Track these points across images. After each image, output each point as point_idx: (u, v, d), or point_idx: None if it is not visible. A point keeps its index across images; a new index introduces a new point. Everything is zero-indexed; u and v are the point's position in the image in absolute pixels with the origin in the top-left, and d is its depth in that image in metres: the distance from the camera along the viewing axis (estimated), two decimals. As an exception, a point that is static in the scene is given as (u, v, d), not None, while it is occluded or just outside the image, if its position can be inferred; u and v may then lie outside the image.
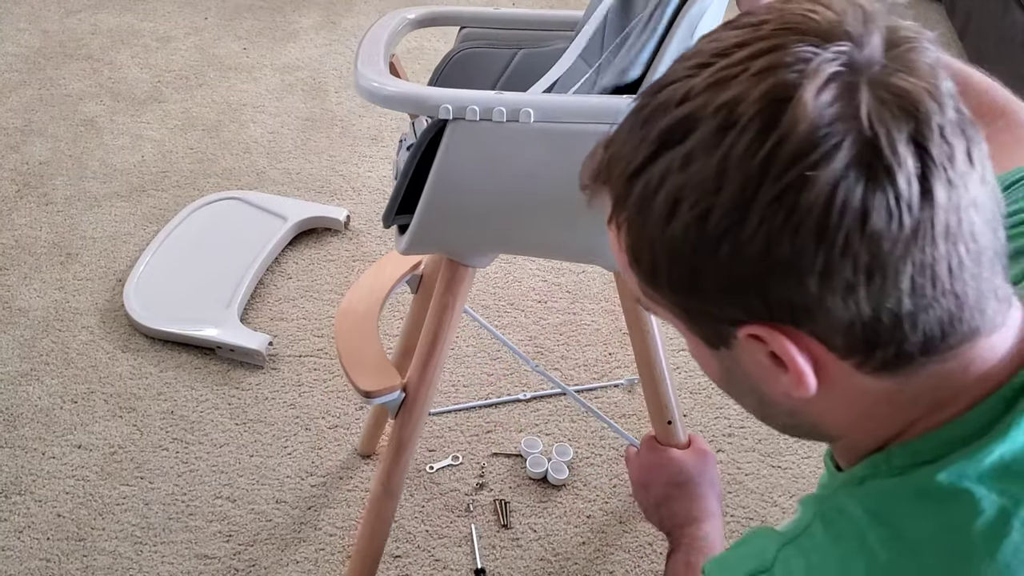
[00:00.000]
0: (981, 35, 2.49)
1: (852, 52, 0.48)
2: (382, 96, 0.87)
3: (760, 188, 0.48)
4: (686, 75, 0.51)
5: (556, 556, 1.39)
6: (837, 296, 0.49)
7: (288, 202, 1.98)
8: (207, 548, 1.38)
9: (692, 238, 0.50)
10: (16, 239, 1.92)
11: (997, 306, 0.51)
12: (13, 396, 1.59)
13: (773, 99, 0.47)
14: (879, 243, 0.47)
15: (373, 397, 1.08)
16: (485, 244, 1.01)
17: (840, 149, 0.47)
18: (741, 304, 0.52)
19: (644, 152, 0.51)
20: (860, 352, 0.52)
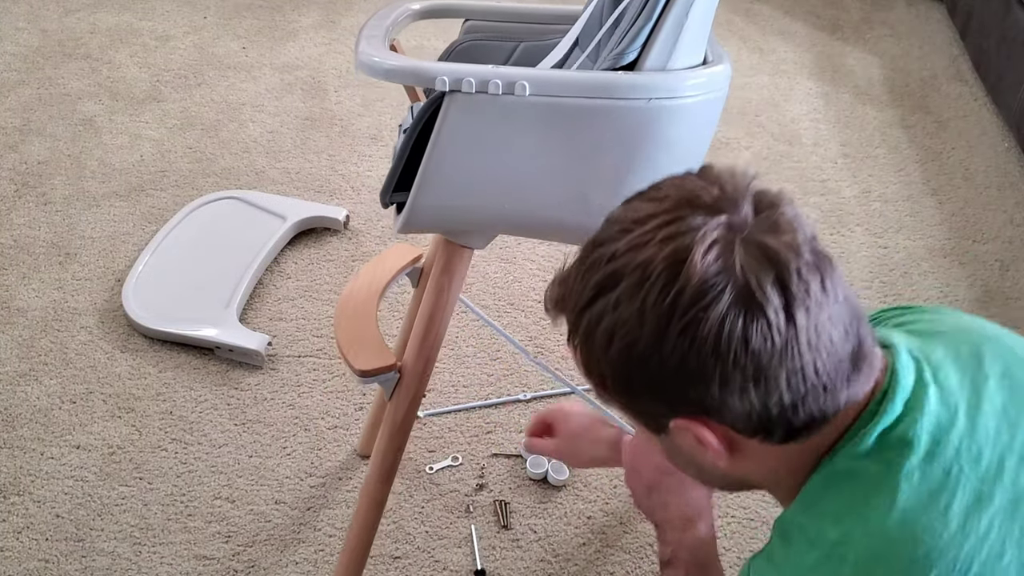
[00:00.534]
0: (982, 35, 2.49)
1: (730, 219, 0.67)
2: (383, 69, 0.89)
3: (670, 324, 0.66)
4: (614, 237, 0.69)
5: (556, 557, 1.39)
6: (734, 396, 0.67)
7: (287, 202, 1.98)
8: (206, 549, 1.38)
9: (625, 360, 0.69)
10: (15, 239, 1.91)
11: (859, 377, 0.70)
12: (12, 396, 1.59)
13: (674, 260, 0.66)
14: (759, 358, 0.65)
15: (368, 376, 1.08)
16: (481, 221, 1.01)
17: (724, 294, 0.65)
18: (667, 404, 0.71)
19: (587, 296, 0.70)
20: (761, 432, 0.70)
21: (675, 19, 0.88)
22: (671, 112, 0.90)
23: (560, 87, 0.88)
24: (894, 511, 0.67)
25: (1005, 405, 0.72)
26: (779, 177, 2.17)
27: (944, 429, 0.70)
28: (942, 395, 0.72)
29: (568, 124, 0.89)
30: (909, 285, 1.89)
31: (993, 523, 0.67)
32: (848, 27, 2.81)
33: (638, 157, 0.92)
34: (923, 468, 0.68)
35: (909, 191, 2.14)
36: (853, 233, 2.02)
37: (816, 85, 2.51)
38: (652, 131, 0.90)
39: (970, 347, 0.76)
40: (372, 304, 1.17)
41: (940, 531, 0.66)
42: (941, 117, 2.40)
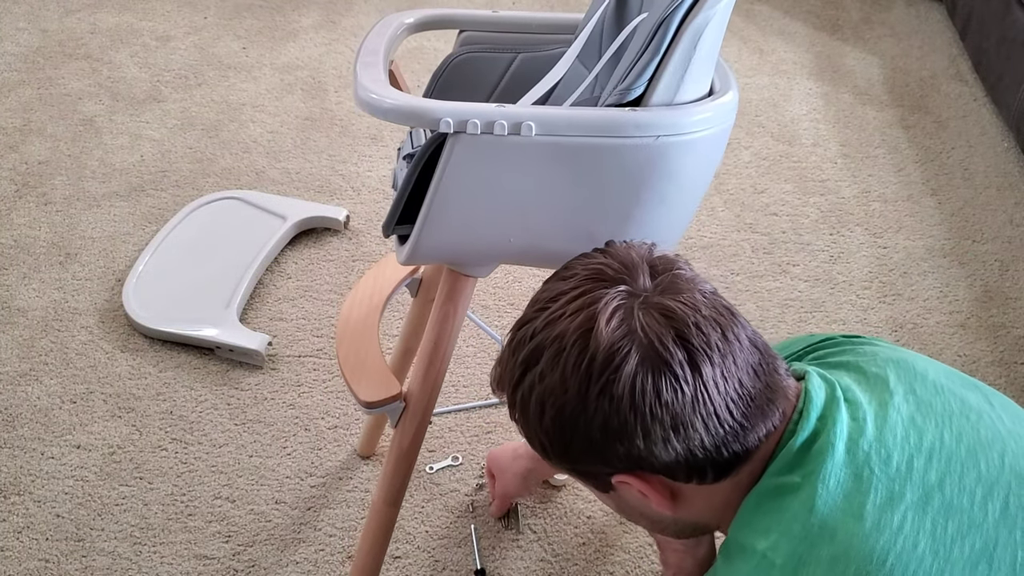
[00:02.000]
0: (982, 35, 2.49)
1: (630, 288, 0.74)
2: (382, 109, 0.87)
3: (589, 387, 0.72)
4: (533, 316, 0.77)
5: (556, 556, 1.39)
6: (659, 447, 0.72)
7: (288, 202, 1.98)
8: (206, 549, 1.38)
9: (558, 426, 0.75)
10: (15, 239, 1.91)
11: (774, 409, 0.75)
12: (12, 396, 1.59)
13: (584, 330, 0.72)
14: (673, 408, 0.71)
15: (374, 407, 1.07)
16: (486, 255, 1.00)
17: (630, 355, 0.71)
18: (603, 462, 0.76)
19: (516, 373, 0.77)
20: (694, 476, 0.75)
21: (683, 52, 0.86)
22: (679, 147, 0.89)
23: (567, 126, 0.86)
24: (813, 514, 0.72)
25: (912, 415, 0.77)
26: (779, 177, 2.17)
27: (854, 438, 0.75)
28: (851, 409, 0.77)
29: (575, 162, 0.88)
30: (909, 285, 1.89)
31: (906, 517, 0.71)
32: (848, 27, 2.81)
33: (645, 192, 0.90)
34: (837, 473, 0.73)
35: (909, 191, 2.14)
36: (852, 233, 2.02)
37: (816, 85, 2.52)
38: (660, 167, 0.89)
39: (877, 370, 0.82)
40: (373, 325, 1.15)
41: (856, 529, 0.71)
42: (941, 117, 2.40)
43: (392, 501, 1.16)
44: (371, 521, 1.19)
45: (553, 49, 1.09)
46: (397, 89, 0.89)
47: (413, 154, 0.97)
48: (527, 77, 1.08)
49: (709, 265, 1.92)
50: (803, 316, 1.81)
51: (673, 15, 0.85)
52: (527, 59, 1.10)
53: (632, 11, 1.02)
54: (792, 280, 1.89)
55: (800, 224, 2.04)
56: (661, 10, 0.86)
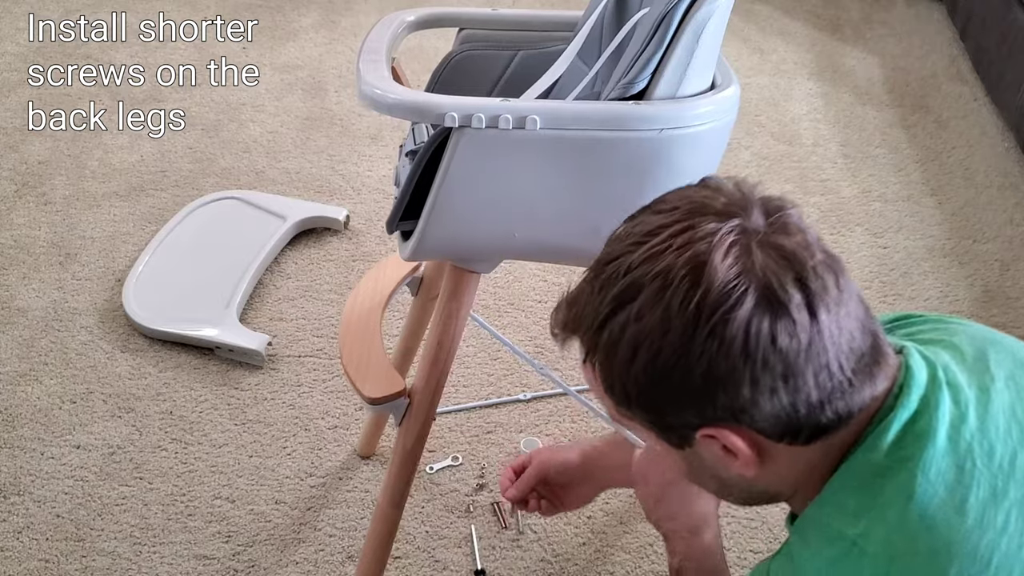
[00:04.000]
0: (982, 34, 2.49)
1: (743, 224, 0.68)
2: (386, 104, 0.87)
3: (696, 329, 0.66)
4: (625, 252, 0.70)
5: (556, 556, 1.39)
6: (764, 397, 0.67)
7: (288, 202, 1.98)
8: (206, 549, 1.38)
9: (651, 371, 0.68)
10: (15, 239, 1.91)
11: (879, 373, 0.71)
12: (12, 396, 1.59)
13: (695, 265, 0.66)
14: (787, 356, 0.66)
15: (378, 404, 1.07)
16: (490, 250, 1.00)
17: (747, 295, 0.65)
18: (696, 413, 0.70)
19: (605, 311, 0.70)
20: (788, 435, 0.70)
21: (686, 46, 0.86)
22: (683, 141, 0.89)
23: (572, 120, 0.86)
24: (912, 503, 0.68)
25: (1012, 404, 0.73)
26: (779, 177, 2.17)
27: (956, 426, 0.70)
28: (953, 393, 0.72)
29: (579, 155, 0.88)
30: (909, 285, 1.89)
31: (1010, 517, 0.68)
32: (848, 27, 2.81)
33: (649, 185, 0.90)
34: (939, 462, 0.69)
35: (909, 191, 2.14)
36: (853, 233, 2.02)
37: (816, 85, 2.52)
38: (664, 160, 0.89)
39: (975, 351, 0.77)
40: (375, 322, 1.15)
41: (958, 525, 0.67)
42: (941, 117, 2.40)
43: (396, 503, 1.16)
44: (376, 524, 1.18)
45: (553, 46, 1.10)
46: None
47: (416, 151, 0.97)
48: (527, 74, 1.08)
49: (709, 265, 1.91)
50: (803, 316, 1.81)
51: (675, 9, 0.85)
52: (527, 56, 1.10)
53: (632, 7, 1.02)
54: (792, 280, 1.89)
55: (800, 224, 2.03)
56: (663, 5, 0.86)
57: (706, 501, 1.01)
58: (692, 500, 1.01)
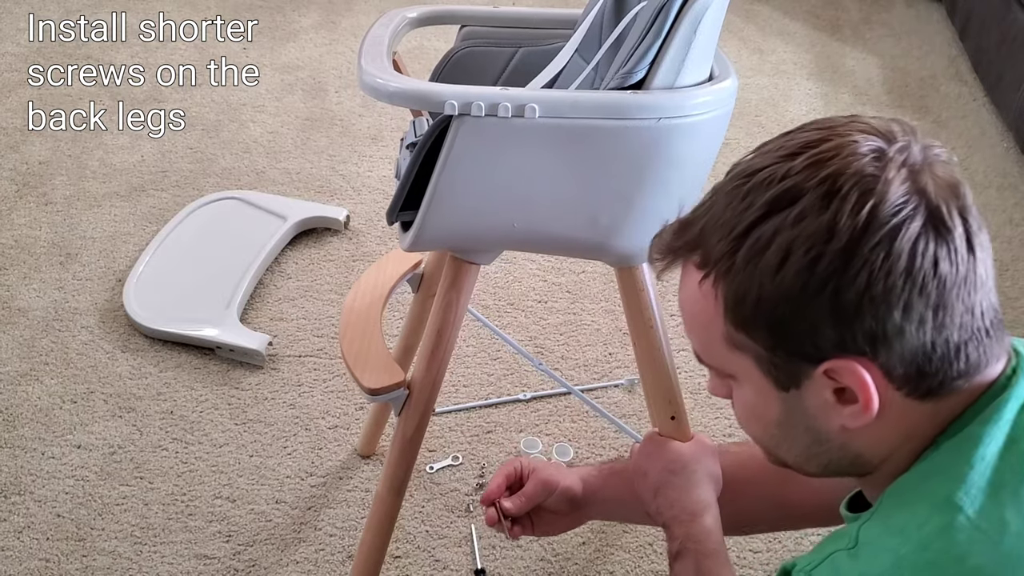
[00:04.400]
0: (982, 35, 2.49)
1: (909, 149, 0.66)
2: (387, 92, 0.87)
3: (863, 239, 0.63)
4: (778, 161, 0.67)
5: (556, 556, 1.39)
6: (912, 326, 0.64)
7: (288, 202, 1.98)
8: (207, 548, 1.38)
9: (802, 280, 0.64)
10: (16, 239, 1.91)
11: (1003, 340, 0.69)
12: (13, 396, 1.59)
13: (864, 176, 0.64)
14: (944, 285, 0.63)
15: (378, 394, 1.07)
16: (490, 240, 1.01)
17: (917, 213, 0.63)
18: (832, 338, 0.65)
19: (753, 215, 0.66)
20: (913, 381, 0.66)
21: (683, 36, 0.87)
22: (681, 130, 0.89)
23: (570, 108, 0.87)
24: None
25: None
26: (779, 177, 2.17)
27: None
28: None
29: (578, 144, 0.88)
30: (908, 285, 1.89)
31: None
32: (847, 27, 2.81)
33: (647, 175, 0.91)
34: None
35: (908, 191, 2.14)
36: (853, 233, 2.02)
37: (815, 85, 2.52)
38: (662, 149, 0.90)
39: None
40: (376, 317, 1.16)
41: None
42: (940, 117, 2.40)
43: (395, 491, 1.16)
44: (374, 512, 1.19)
45: (553, 43, 1.11)
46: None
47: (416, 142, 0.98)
48: (528, 70, 1.09)
49: (709, 265, 1.92)
50: (803, 316, 1.81)
51: (673, 1, 0.86)
52: (528, 53, 1.11)
53: (631, 1, 1.03)
54: (792, 280, 1.89)
55: (800, 224, 2.04)
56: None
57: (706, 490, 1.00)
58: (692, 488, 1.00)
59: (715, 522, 0.99)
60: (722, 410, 1.61)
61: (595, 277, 1.87)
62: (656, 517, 1.02)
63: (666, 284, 1.86)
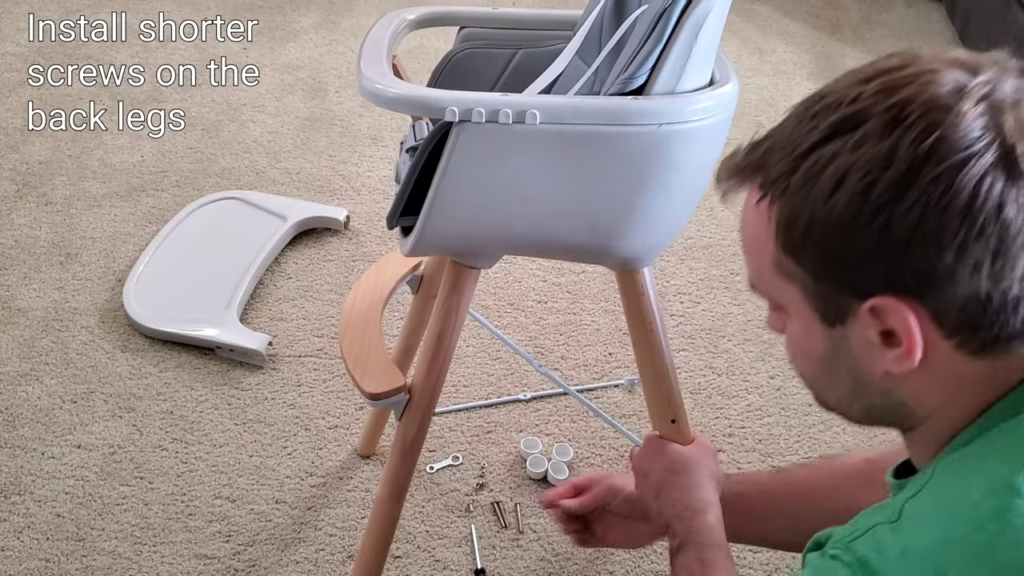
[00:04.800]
0: (982, 35, 2.49)
1: (995, 83, 0.62)
2: (387, 98, 0.87)
3: (922, 170, 0.59)
4: (852, 84, 0.65)
5: (556, 556, 1.39)
6: (966, 271, 0.60)
7: (288, 202, 1.98)
8: (207, 548, 1.38)
9: (853, 208, 0.61)
10: (16, 239, 1.92)
11: None
12: (12, 396, 1.59)
13: (935, 106, 0.60)
14: (1007, 231, 0.59)
15: (378, 399, 1.07)
16: (490, 245, 1.00)
17: (988, 150, 0.59)
18: (879, 273, 0.62)
19: (815, 137, 0.63)
20: (964, 332, 0.62)
21: (684, 41, 0.86)
22: (682, 136, 0.89)
23: (571, 114, 0.86)
24: None
25: None
26: (779, 177, 2.17)
27: None
28: None
29: (579, 150, 0.88)
30: (908, 285, 1.89)
31: None
32: (848, 28, 2.81)
33: (648, 180, 0.91)
34: None
35: (908, 191, 2.14)
36: (852, 233, 2.02)
37: (816, 86, 2.49)
38: (663, 155, 0.89)
39: None
40: (375, 320, 1.16)
41: None
42: (940, 117, 2.40)
43: (396, 496, 1.16)
44: (375, 516, 1.19)
45: (553, 45, 1.10)
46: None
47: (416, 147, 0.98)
48: (528, 72, 1.09)
49: (709, 265, 1.92)
50: (803, 316, 1.81)
51: (674, 5, 0.86)
52: (528, 55, 1.11)
53: (631, 5, 1.03)
54: (792, 280, 1.89)
55: (800, 224, 2.04)
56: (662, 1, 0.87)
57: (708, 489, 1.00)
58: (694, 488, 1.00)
59: (717, 520, 0.99)
60: (722, 410, 1.61)
61: (595, 277, 1.87)
62: (657, 518, 1.02)
63: (665, 284, 1.86)
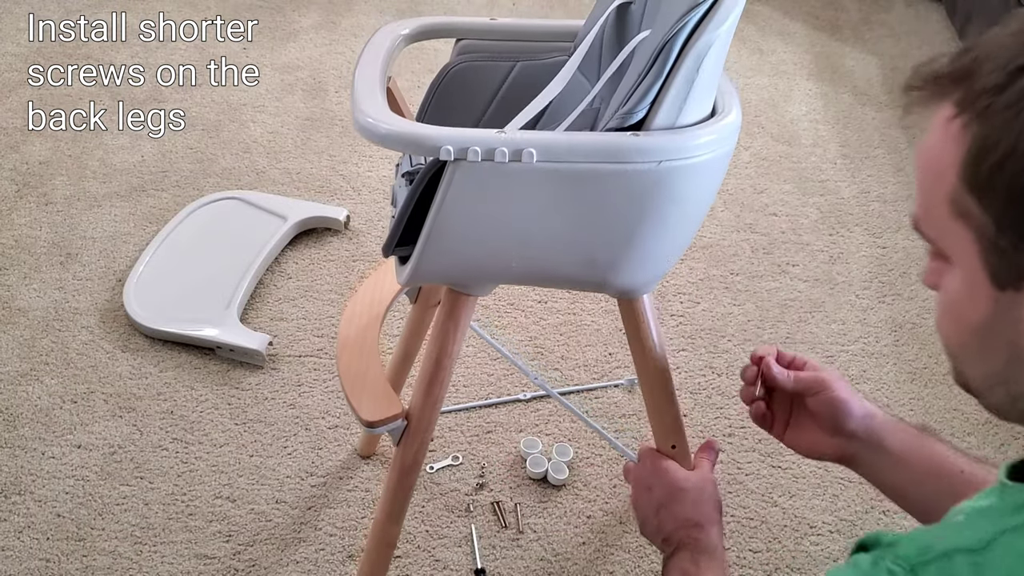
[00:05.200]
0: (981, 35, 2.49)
1: None
2: (380, 134, 0.85)
3: None
4: None
5: (556, 556, 1.39)
6: None
7: (288, 202, 1.98)
8: (207, 548, 1.38)
9: None
10: (16, 239, 1.92)
11: None
12: (13, 396, 1.59)
13: None
14: None
15: (375, 427, 1.06)
16: (487, 277, 1.00)
17: None
18: None
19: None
20: None
21: (686, 75, 0.84)
22: (682, 171, 0.87)
23: (568, 152, 0.85)
24: None
25: None
26: (778, 178, 2.18)
27: None
28: None
29: (576, 188, 0.87)
30: (908, 285, 1.89)
31: None
32: (847, 28, 2.81)
33: (647, 216, 0.90)
34: None
35: (908, 191, 2.15)
36: (852, 233, 2.02)
37: (815, 86, 2.52)
38: (662, 191, 0.88)
39: None
40: (374, 335, 1.14)
41: None
42: (940, 118, 2.40)
43: (395, 519, 1.15)
44: (373, 539, 1.18)
45: (552, 57, 1.08)
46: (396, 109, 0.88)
47: (412, 173, 0.97)
48: (526, 85, 1.06)
49: (709, 265, 1.92)
50: (803, 316, 1.81)
51: (676, 38, 0.84)
52: (526, 67, 1.08)
53: (633, 25, 1.01)
54: (792, 280, 1.89)
55: (800, 224, 2.04)
56: (664, 31, 0.85)
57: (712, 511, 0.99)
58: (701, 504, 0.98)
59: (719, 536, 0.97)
60: (722, 410, 1.61)
61: (595, 277, 1.87)
62: (655, 535, 1.00)
63: (665, 284, 1.86)
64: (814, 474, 1.51)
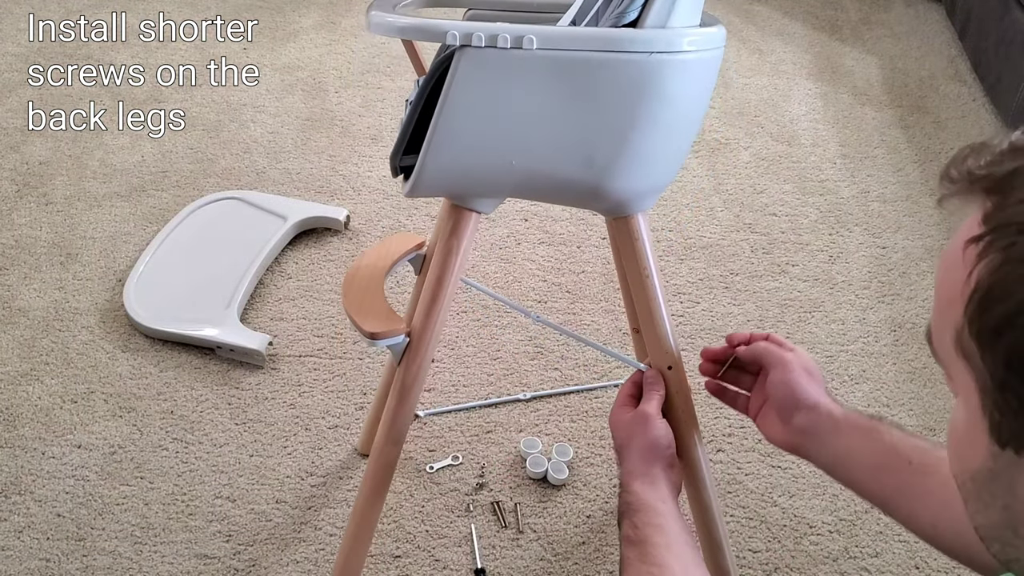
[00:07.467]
0: (981, 35, 2.49)
1: None
2: (398, 27, 0.94)
3: None
4: None
5: (556, 556, 1.39)
6: None
7: (288, 202, 1.98)
8: (207, 548, 1.39)
9: None
10: (16, 239, 1.92)
11: None
12: (13, 396, 1.59)
13: None
14: None
15: (378, 339, 1.09)
16: (489, 183, 1.03)
17: None
18: None
19: None
20: None
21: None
22: (671, 66, 0.93)
23: (565, 41, 0.92)
24: None
25: None
26: (778, 177, 2.18)
27: None
28: None
29: (573, 77, 0.93)
30: (907, 285, 1.89)
31: None
32: (847, 28, 2.81)
33: (640, 112, 0.94)
34: None
35: (908, 191, 2.15)
36: (852, 233, 2.02)
37: (815, 85, 2.52)
38: (653, 85, 0.93)
39: None
40: (379, 280, 1.19)
41: None
42: (939, 117, 2.40)
43: (394, 440, 1.17)
44: (374, 462, 1.19)
45: None
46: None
47: None
48: None
49: (708, 265, 1.92)
50: (802, 316, 1.81)
51: None
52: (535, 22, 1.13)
53: None
54: (791, 280, 1.89)
55: (799, 224, 2.04)
56: None
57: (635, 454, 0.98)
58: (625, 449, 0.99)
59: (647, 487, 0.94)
60: (722, 410, 1.61)
61: (595, 277, 1.87)
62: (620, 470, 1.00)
63: (665, 284, 1.86)
64: (814, 474, 1.51)
